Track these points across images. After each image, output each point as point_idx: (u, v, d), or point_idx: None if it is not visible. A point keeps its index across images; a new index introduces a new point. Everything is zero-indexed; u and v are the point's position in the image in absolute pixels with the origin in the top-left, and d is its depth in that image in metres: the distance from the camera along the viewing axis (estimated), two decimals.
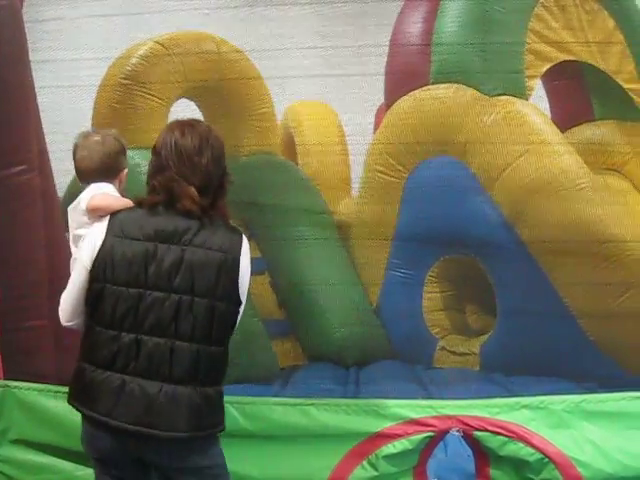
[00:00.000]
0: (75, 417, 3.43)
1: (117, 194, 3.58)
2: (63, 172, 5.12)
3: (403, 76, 5.78)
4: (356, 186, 6.28)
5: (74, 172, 3.83)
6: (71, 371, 3.38)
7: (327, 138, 6.57)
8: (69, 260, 3.66)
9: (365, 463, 4.55)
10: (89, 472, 4.75)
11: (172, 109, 6.06)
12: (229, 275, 3.19)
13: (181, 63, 6.02)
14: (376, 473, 4.55)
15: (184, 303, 3.14)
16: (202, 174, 3.23)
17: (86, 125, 5.84)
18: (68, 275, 3.45)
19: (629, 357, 5.30)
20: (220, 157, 3.30)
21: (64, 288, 3.40)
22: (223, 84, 6.02)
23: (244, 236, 3.32)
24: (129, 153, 5.84)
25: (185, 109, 6.05)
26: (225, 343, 3.26)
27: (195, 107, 6.30)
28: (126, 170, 3.68)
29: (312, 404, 4.48)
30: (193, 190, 3.18)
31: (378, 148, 5.86)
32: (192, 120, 3.42)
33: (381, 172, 5.82)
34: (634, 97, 5.91)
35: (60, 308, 3.36)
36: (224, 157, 3.33)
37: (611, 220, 5.31)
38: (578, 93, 6.23)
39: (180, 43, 6.04)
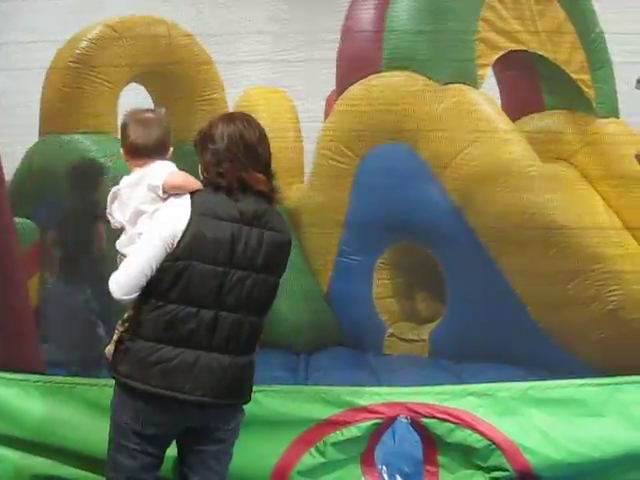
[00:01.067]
0: (22, 404, 3.38)
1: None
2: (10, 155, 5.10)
3: (355, 63, 5.76)
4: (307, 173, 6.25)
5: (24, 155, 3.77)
6: (14, 357, 3.33)
7: (281, 124, 6.54)
8: (14, 243, 3.60)
9: (313, 450, 4.56)
10: (37, 460, 4.75)
11: (122, 93, 6.01)
12: (286, 253, 3.57)
13: (131, 47, 5.98)
14: (324, 460, 4.55)
15: (260, 281, 3.43)
16: (263, 162, 3.52)
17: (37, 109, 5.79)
18: (13, 256, 3.39)
19: (576, 344, 5.35)
20: (269, 147, 3.60)
21: (12, 270, 3.37)
22: (173, 69, 5.99)
23: None
24: (78, 137, 5.85)
25: (137, 95, 6.02)
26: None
27: (145, 91, 6.25)
28: (171, 148, 3.70)
29: (261, 391, 4.45)
30: (262, 176, 3.47)
31: (329, 135, 5.84)
32: (246, 114, 3.68)
33: (332, 159, 5.80)
34: (583, 88, 5.95)
35: (118, 281, 3.34)
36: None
37: (559, 208, 5.36)
38: (529, 83, 6.25)
39: (130, 26, 5.99)
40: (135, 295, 3.34)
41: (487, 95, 5.71)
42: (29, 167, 5.95)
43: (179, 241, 3.30)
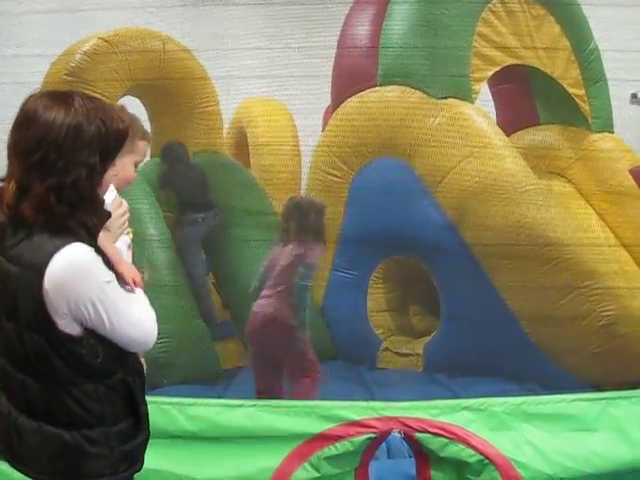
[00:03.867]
0: None
1: None
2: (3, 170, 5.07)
3: (350, 78, 5.79)
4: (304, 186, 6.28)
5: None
6: None
7: (280, 136, 6.56)
8: None
9: (307, 464, 4.53)
10: None
11: None
12: None
13: (126, 61, 5.97)
14: (318, 474, 4.53)
15: None
16: None
17: None
18: None
19: (569, 358, 5.35)
20: None
21: None
22: (168, 82, 6.00)
23: None
24: None
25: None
26: None
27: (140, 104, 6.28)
28: None
29: (254, 405, 4.45)
30: None
31: (324, 149, 5.86)
32: None
33: (327, 173, 5.83)
34: (578, 102, 5.97)
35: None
36: None
37: (553, 224, 5.36)
38: (524, 97, 6.28)
39: (125, 40, 6.00)
40: None
41: (482, 110, 5.73)
42: None
43: None
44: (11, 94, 5.69)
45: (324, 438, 4.55)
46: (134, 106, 6.07)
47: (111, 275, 2.46)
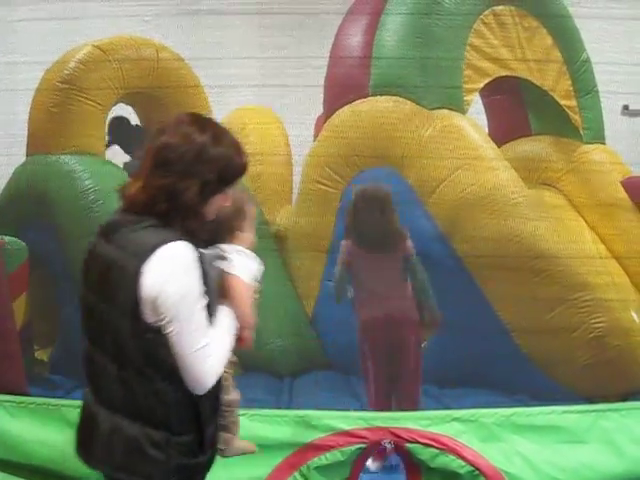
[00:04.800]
0: (5, 425, 3.34)
1: None
2: None
3: (342, 88, 5.79)
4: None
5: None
6: None
7: (272, 145, 6.55)
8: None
9: (297, 474, 4.53)
10: None
11: None
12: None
13: (119, 69, 5.98)
14: None
15: None
16: None
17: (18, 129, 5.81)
18: None
19: (560, 370, 5.36)
20: None
21: None
22: (161, 91, 6.00)
23: None
24: (64, 158, 5.85)
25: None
26: None
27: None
28: None
29: (244, 414, 4.43)
30: None
31: (316, 158, 5.85)
32: None
33: (319, 183, 5.81)
34: (570, 113, 5.98)
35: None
36: None
37: (544, 235, 5.37)
38: (515, 108, 6.29)
39: (119, 48, 6.01)
40: None
41: (473, 121, 5.73)
42: (15, 187, 5.96)
43: None
44: (4, 101, 5.71)
45: (314, 448, 4.55)
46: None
47: (201, 292, 2.57)
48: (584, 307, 5.27)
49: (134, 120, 6.54)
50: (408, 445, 4.55)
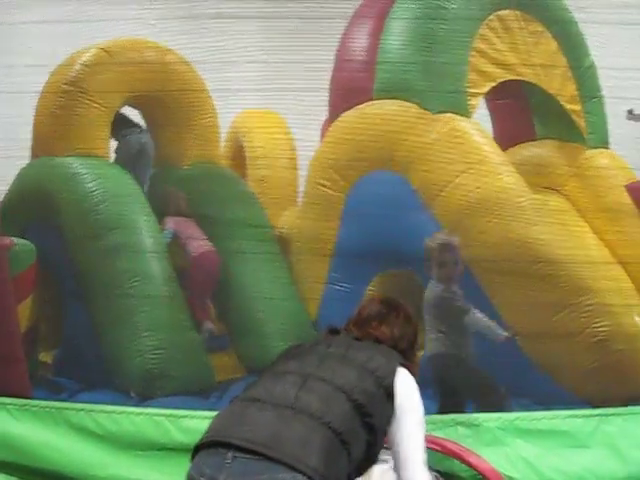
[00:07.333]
0: (8, 427, 3.37)
1: None
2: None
3: (347, 91, 5.78)
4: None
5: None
6: (1, 381, 3.30)
7: (277, 148, 6.57)
8: (4, 268, 3.58)
9: None
10: None
11: None
12: None
13: (125, 72, 6.00)
14: None
15: None
16: None
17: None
18: (2, 281, 3.36)
19: (564, 375, 5.35)
20: None
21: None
22: (166, 94, 6.01)
23: None
24: (68, 160, 5.88)
25: None
26: None
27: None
28: None
29: None
30: None
31: (320, 161, 5.85)
32: None
33: (323, 186, 5.80)
34: (575, 118, 5.98)
35: None
36: None
37: (549, 240, 5.36)
38: (521, 112, 6.27)
39: (124, 51, 6.02)
40: None
41: (478, 125, 5.72)
42: (20, 189, 5.98)
43: None
44: (4, 103, 5.73)
45: None
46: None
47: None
48: (587, 312, 5.26)
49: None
50: None
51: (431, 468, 3.70)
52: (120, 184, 5.98)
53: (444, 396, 5.09)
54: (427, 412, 4.73)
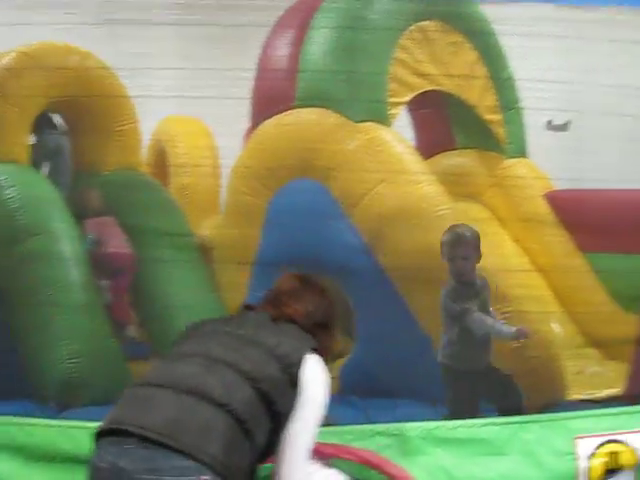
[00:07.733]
0: None
1: None
2: None
3: (269, 100, 5.79)
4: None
5: None
6: None
7: (200, 156, 6.54)
8: None
9: None
10: None
11: None
12: None
13: (46, 76, 5.92)
14: None
15: None
16: None
17: None
18: None
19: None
20: None
21: None
22: (87, 99, 5.95)
23: None
24: None
25: None
26: None
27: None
28: None
29: None
30: None
31: (242, 170, 5.84)
32: None
33: (244, 194, 5.80)
34: (494, 128, 6.05)
35: None
36: None
37: None
38: (441, 122, 6.35)
39: (45, 55, 5.97)
40: None
41: (398, 134, 5.76)
42: None
43: None
44: None
45: None
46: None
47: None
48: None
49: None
50: (331, 460, 4.55)
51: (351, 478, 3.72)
52: (39, 190, 5.89)
53: (454, 403, 5.09)
54: (346, 421, 4.82)
